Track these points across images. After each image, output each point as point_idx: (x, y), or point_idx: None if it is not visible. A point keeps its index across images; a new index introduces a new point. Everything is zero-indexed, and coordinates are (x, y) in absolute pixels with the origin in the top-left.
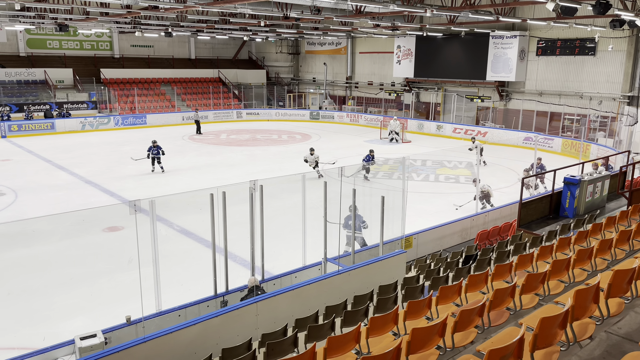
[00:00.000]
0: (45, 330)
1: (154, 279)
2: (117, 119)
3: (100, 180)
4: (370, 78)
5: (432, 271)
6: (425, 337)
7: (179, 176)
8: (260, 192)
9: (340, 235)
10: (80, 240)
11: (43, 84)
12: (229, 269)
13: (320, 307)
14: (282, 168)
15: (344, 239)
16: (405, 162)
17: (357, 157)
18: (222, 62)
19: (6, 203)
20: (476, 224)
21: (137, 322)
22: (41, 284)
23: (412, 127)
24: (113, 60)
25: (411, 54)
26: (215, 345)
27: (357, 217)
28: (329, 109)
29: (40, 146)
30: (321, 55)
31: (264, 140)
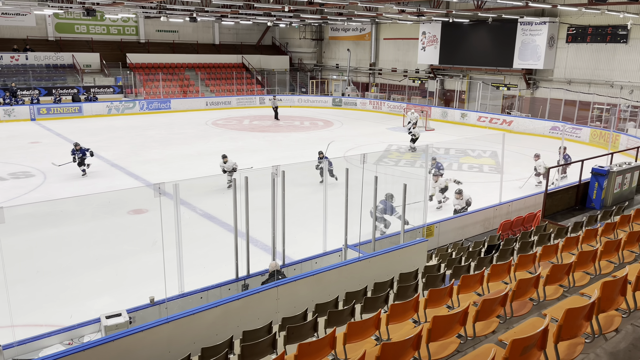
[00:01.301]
0: (72, 309)
1: (177, 261)
2: (142, 104)
3: (126, 164)
4: (394, 65)
5: (454, 260)
6: (446, 325)
7: (203, 161)
8: (282, 177)
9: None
10: (106, 221)
11: (71, 68)
12: (250, 253)
13: (340, 293)
14: (303, 154)
15: (366, 226)
16: (428, 150)
17: (379, 144)
18: (246, 48)
19: (35, 184)
20: (499, 214)
21: (161, 302)
22: (69, 264)
23: (435, 115)
24: (139, 45)
25: (436, 40)
26: (236, 327)
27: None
28: (351, 95)
29: (68, 129)
30: (345, 41)
31: (286, 127)
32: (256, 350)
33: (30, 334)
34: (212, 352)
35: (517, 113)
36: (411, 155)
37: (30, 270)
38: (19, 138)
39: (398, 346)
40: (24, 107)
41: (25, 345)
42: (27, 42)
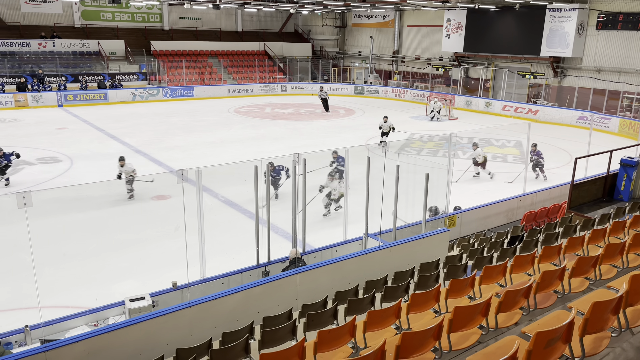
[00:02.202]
0: (98, 291)
1: (199, 247)
2: (165, 91)
3: (149, 150)
4: (417, 52)
5: (476, 251)
6: (468, 316)
7: (224, 148)
8: (303, 165)
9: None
10: (130, 207)
11: (97, 55)
12: (271, 240)
13: (360, 282)
14: (325, 143)
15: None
16: (452, 139)
17: (401, 133)
18: (268, 35)
19: (62, 169)
20: (523, 205)
21: (183, 287)
22: (94, 247)
23: (459, 104)
24: (162, 33)
25: (461, 27)
26: (256, 313)
27: None
28: (374, 83)
29: (94, 115)
30: (368, 28)
31: (307, 115)
32: (276, 336)
33: (56, 315)
34: (233, 337)
35: (544, 102)
36: (434, 144)
37: (57, 253)
38: (47, 124)
39: (419, 336)
40: (52, 94)
41: (52, 326)
42: (54, 29)
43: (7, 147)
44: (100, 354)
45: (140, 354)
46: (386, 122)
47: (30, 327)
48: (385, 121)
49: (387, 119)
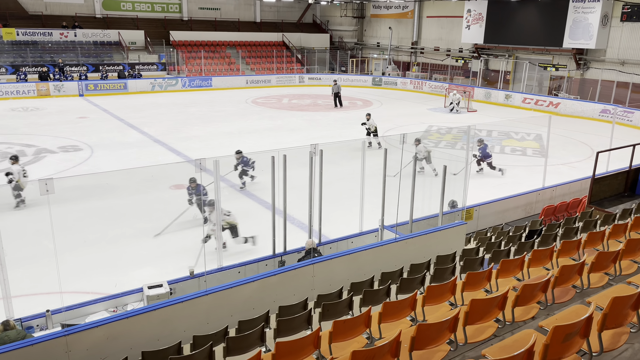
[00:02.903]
0: (117, 278)
1: (216, 236)
2: (184, 81)
3: (168, 140)
4: (436, 44)
5: (493, 244)
6: (484, 309)
7: (242, 139)
8: (320, 156)
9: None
10: (148, 195)
11: (117, 45)
12: (287, 230)
13: (375, 273)
14: (342, 134)
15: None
16: (470, 131)
17: (419, 125)
18: (287, 26)
19: (83, 158)
20: (542, 199)
21: (200, 275)
22: (113, 235)
23: (478, 96)
24: (182, 23)
25: (482, 18)
26: (272, 302)
27: None
28: (392, 75)
29: (114, 105)
30: (386, 19)
31: (324, 106)
32: (292, 325)
33: (77, 301)
34: (249, 325)
35: (565, 95)
36: (452, 136)
37: (78, 240)
38: (68, 113)
39: (434, 327)
40: (73, 83)
41: (72, 311)
42: (76, 19)
43: (30, 135)
44: (119, 339)
45: (158, 340)
46: (369, 119)
47: (52, 312)
48: (368, 119)
49: (370, 116)
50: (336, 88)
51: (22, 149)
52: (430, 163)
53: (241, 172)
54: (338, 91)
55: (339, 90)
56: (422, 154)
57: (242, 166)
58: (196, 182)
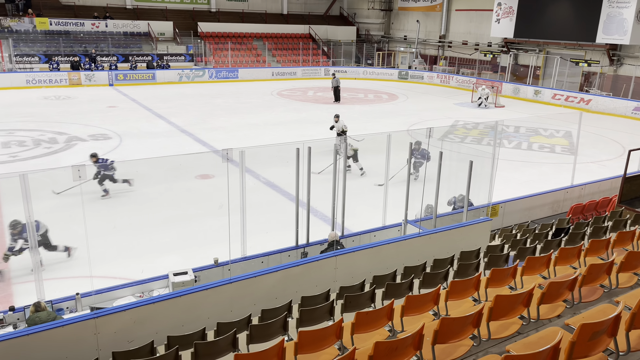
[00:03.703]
0: (143, 264)
1: (240, 226)
2: (211, 72)
3: (194, 130)
4: (465, 37)
5: (518, 241)
6: (509, 306)
7: (267, 130)
8: (345, 149)
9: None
10: (175, 184)
11: (146, 36)
12: (310, 222)
13: (398, 267)
14: (366, 127)
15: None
16: (497, 127)
17: (445, 120)
18: (313, 18)
19: (112, 146)
20: (570, 197)
21: (224, 264)
22: (141, 222)
23: (506, 91)
24: (210, 15)
25: (512, 12)
26: (294, 292)
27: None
28: (418, 68)
29: (142, 95)
30: (414, 12)
31: (349, 99)
32: (314, 315)
33: (105, 285)
34: (271, 314)
35: (597, 91)
36: (478, 132)
37: (107, 226)
38: (98, 102)
39: (458, 322)
40: (103, 73)
41: (101, 295)
42: (107, 10)
43: (61, 123)
44: (145, 323)
45: (182, 325)
46: (337, 121)
47: (81, 295)
48: (337, 120)
49: (338, 118)
50: (335, 82)
51: (54, 137)
52: (357, 162)
53: (101, 178)
54: (337, 85)
55: (339, 84)
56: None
57: (102, 171)
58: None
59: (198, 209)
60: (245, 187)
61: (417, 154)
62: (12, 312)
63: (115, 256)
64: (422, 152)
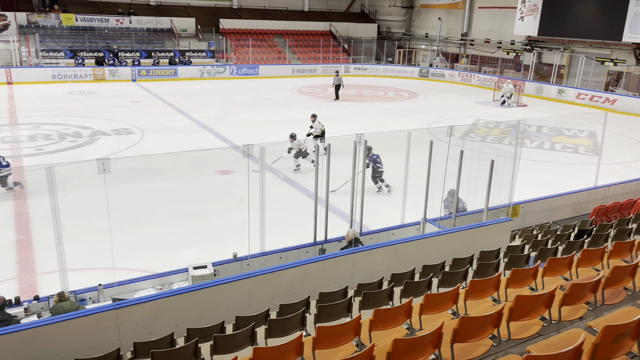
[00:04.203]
0: (164, 258)
1: (259, 222)
2: (232, 69)
3: (215, 126)
4: (487, 35)
5: (540, 242)
6: (530, 306)
7: (286, 127)
8: (364, 146)
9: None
10: (195, 179)
11: (169, 32)
12: (328, 219)
13: (417, 266)
14: (385, 125)
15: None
16: (520, 126)
17: (466, 118)
18: (334, 15)
19: (134, 141)
20: (593, 198)
21: (243, 259)
22: (161, 216)
23: (529, 90)
24: (231, 11)
25: (537, 9)
26: (312, 288)
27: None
28: (439, 66)
29: (164, 90)
30: (436, 9)
31: (369, 97)
32: (332, 311)
33: (126, 277)
34: (289, 310)
35: (623, 91)
36: (500, 131)
37: (129, 219)
38: (122, 97)
39: (477, 321)
40: (127, 69)
41: (122, 287)
42: (131, 6)
43: (85, 117)
44: (165, 315)
45: (201, 318)
46: (315, 121)
47: (104, 286)
48: (314, 120)
49: (315, 117)
50: (337, 80)
51: (78, 131)
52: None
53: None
54: (339, 83)
55: (340, 82)
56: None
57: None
58: None
59: (218, 204)
60: (265, 183)
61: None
62: (36, 301)
63: (136, 249)
64: (372, 158)
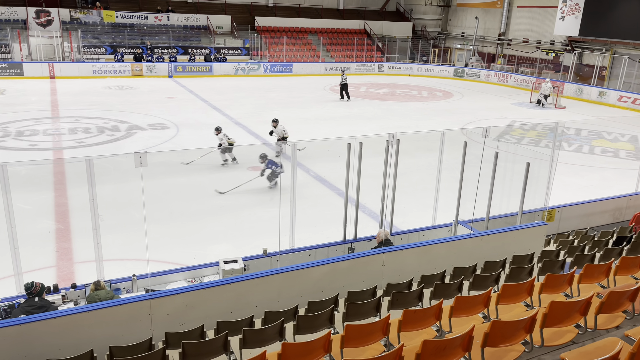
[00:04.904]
0: (195, 251)
1: (290, 218)
2: (266, 66)
3: (248, 123)
4: (526, 35)
5: (576, 248)
6: (565, 313)
7: (318, 125)
8: (396, 145)
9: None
10: (228, 175)
11: (205, 29)
12: (358, 218)
13: (447, 268)
14: (418, 125)
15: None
16: (558, 128)
17: (501, 120)
18: (369, 14)
19: (170, 135)
20: (634, 205)
21: (273, 255)
22: (194, 210)
23: (568, 92)
24: (267, 9)
25: (579, 9)
26: (341, 287)
27: None
28: (475, 66)
29: (199, 87)
30: (474, 8)
31: (402, 96)
32: (361, 310)
33: (159, 269)
34: (318, 307)
35: None
36: (536, 133)
37: (163, 212)
38: (158, 93)
39: (509, 326)
40: (163, 65)
41: (155, 278)
42: (169, 3)
43: (123, 112)
44: (196, 308)
45: (231, 312)
46: (276, 126)
47: (137, 277)
48: (275, 125)
49: (277, 122)
50: (343, 79)
51: (116, 125)
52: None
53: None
54: (345, 82)
55: (345, 82)
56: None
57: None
58: None
59: (249, 200)
60: (296, 180)
61: (268, 163)
62: (73, 289)
63: (169, 242)
64: (270, 162)
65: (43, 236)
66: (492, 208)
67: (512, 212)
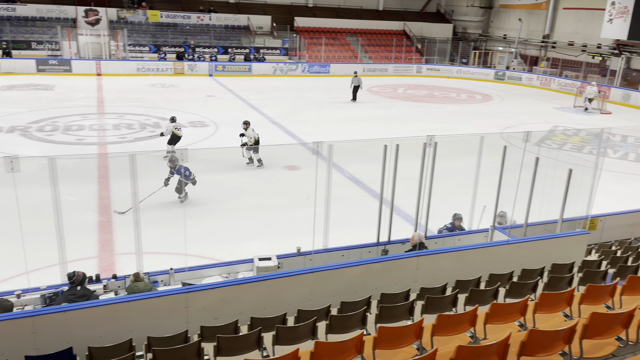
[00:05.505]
0: (231, 247)
1: (324, 218)
2: (304, 66)
3: (285, 122)
4: (571, 38)
5: (619, 258)
6: (606, 325)
7: (355, 126)
8: (434, 148)
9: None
10: (264, 173)
11: (245, 29)
12: (392, 221)
13: (483, 274)
14: (456, 128)
15: (519, 210)
16: (602, 135)
17: (543, 124)
18: (409, 15)
19: (209, 133)
20: None
21: (306, 254)
22: (231, 207)
23: (615, 97)
24: (306, 10)
25: (627, 12)
26: (374, 288)
27: None
28: (517, 69)
29: (238, 86)
30: (517, 10)
31: (441, 98)
32: (393, 313)
33: (196, 263)
34: (351, 307)
35: None
36: (579, 139)
37: (202, 210)
38: (198, 91)
39: (547, 335)
40: (204, 64)
41: (192, 272)
42: (211, 4)
43: (164, 109)
44: (230, 303)
45: (264, 308)
46: (247, 129)
47: (175, 270)
48: (246, 128)
49: (248, 125)
50: (356, 81)
51: (157, 122)
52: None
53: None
54: (358, 84)
55: (360, 84)
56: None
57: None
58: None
59: (284, 199)
60: (332, 181)
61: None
62: (114, 279)
63: (205, 237)
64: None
65: (87, 227)
66: (531, 215)
67: (551, 219)
